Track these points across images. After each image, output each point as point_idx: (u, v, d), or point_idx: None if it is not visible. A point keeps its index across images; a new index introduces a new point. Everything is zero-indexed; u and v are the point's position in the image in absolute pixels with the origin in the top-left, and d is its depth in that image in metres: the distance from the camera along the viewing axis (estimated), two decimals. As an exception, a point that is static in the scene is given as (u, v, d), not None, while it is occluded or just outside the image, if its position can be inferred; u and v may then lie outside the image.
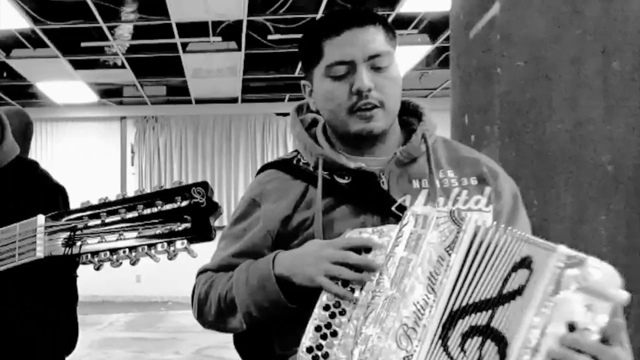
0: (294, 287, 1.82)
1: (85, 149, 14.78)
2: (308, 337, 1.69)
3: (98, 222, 1.39)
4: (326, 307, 1.70)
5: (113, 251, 1.38)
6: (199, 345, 8.41)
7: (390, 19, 7.37)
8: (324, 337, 1.67)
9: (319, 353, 1.66)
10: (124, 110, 14.79)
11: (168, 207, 1.36)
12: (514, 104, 2.69)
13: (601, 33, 2.64)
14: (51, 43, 9.60)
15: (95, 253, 1.39)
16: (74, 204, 2.01)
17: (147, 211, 1.37)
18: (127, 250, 1.37)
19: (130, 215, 1.38)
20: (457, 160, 2.05)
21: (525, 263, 1.52)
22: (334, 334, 1.67)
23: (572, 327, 1.44)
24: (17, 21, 8.52)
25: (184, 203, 1.36)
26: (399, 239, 1.66)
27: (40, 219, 1.46)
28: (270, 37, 9.56)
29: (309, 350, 1.67)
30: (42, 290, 1.86)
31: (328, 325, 1.68)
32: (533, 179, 2.51)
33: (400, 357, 1.53)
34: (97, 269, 1.40)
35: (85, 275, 2.11)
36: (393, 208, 1.89)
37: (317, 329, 1.68)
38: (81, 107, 14.39)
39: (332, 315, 1.69)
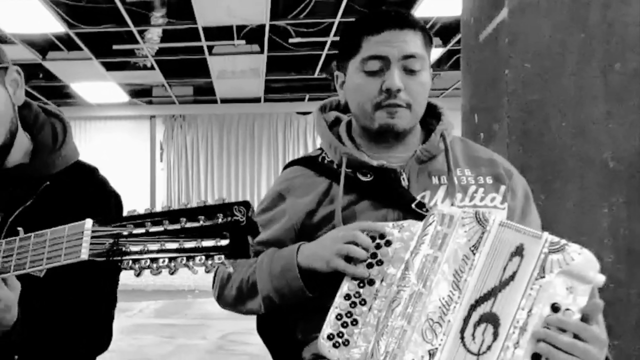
0: (315, 277, 1.82)
1: (117, 146, 14.82)
2: (329, 325, 1.69)
3: (142, 230, 1.37)
4: (347, 297, 1.69)
5: (153, 260, 1.36)
6: (224, 331, 8.38)
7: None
8: (344, 325, 1.67)
9: (340, 340, 1.66)
10: (153, 110, 14.82)
11: (210, 222, 1.34)
12: (520, 103, 2.68)
13: (603, 37, 2.63)
14: (85, 46, 9.63)
15: (136, 260, 1.37)
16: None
17: (190, 225, 1.34)
18: (167, 260, 1.36)
19: (172, 227, 1.36)
20: (474, 159, 2.04)
21: (518, 251, 1.55)
22: (355, 322, 1.67)
23: (555, 308, 1.49)
24: (52, 25, 8.55)
25: (225, 220, 1.33)
26: (425, 236, 1.65)
27: (88, 222, 1.43)
28: (291, 40, 9.56)
29: (330, 337, 1.67)
30: (82, 290, 1.85)
31: (349, 314, 1.68)
32: (539, 173, 2.51)
33: (425, 350, 1.52)
34: (138, 275, 1.39)
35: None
36: (413, 205, 1.87)
37: (338, 317, 1.68)
38: (113, 107, 14.43)
39: (353, 305, 1.69)
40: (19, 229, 1.60)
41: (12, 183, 1.89)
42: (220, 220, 1.34)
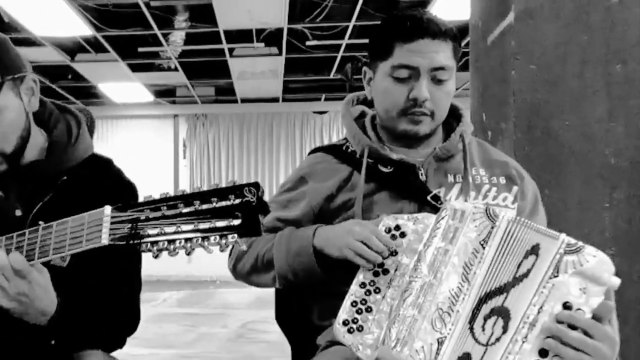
0: (329, 259, 1.84)
1: (142, 144, 14.82)
2: (344, 311, 1.70)
3: (158, 214, 1.39)
4: (362, 285, 1.71)
5: (170, 242, 1.38)
6: (244, 320, 8.39)
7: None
8: (359, 312, 1.68)
9: (354, 326, 1.67)
10: (176, 109, 14.81)
11: (222, 204, 1.35)
12: (526, 103, 2.69)
13: (605, 39, 2.63)
14: (111, 48, 9.64)
15: (154, 243, 1.39)
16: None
17: (203, 207, 1.36)
18: (183, 241, 1.37)
19: (187, 209, 1.37)
20: (489, 161, 2.06)
21: (534, 250, 1.54)
22: (369, 309, 1.68)
23: (567, 307, 1.48)
24: (80, 29, 8.56)
25: (237, 201, 1.35)
26: (437, 230, 1.66)
27: (107, 209, 1.45)
28: (308, 43, 9.54)
29: (345, 323, 1.68)
30: (107, 275, 1.87)
31: (363, 302, 1.69)
32: (544, 170, 2.52)
33: (434, 338, 1.53)
34: (156, 257, 1.41)
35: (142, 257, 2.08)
36: (429, 197, 1.89)
37: (353, 304, 1.69)
38: (138, 106, 14.43)
39: (368, 293, 1.70)
40: (40, 223, 1.61)
41: (30, 179, 1.89)
42: (232, 201, 1.36)
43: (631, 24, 2.62)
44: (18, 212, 1.86)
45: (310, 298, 2.07)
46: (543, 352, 1.47)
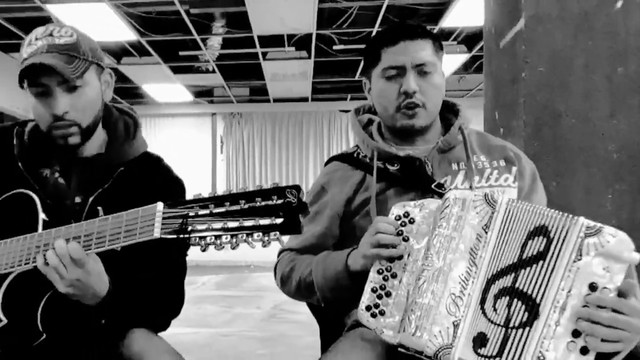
0: (363, 276, 1.80)
1: (182, 140, 14.85)
2: (366, 297, 1.69)
3: (207, 212, 1.41)
4: (379, 272, 1.70)
5: (217, 237, 1.39)
6: (276, 301, 8.37)
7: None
8: (379, 297, 1.68)
9: (376, 311, 1.67)
10: (214, 108, 14.84)
11: (265, 203, 1.37)
12: (536, 103, 2.68)
13: (608, 44, 2.63)
14: (154, 52, 9.70)
15: (202, 237, 1.41)
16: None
17: (248, 206, 1.38)
18: (229, 236, 1.39)
19: (233, 208, 1.39)
20: (488, 147, 2.09)
21: (540, 231, 1.52)
22: (388, 294, 1.68)
23: (593, 287, 1.45)
24: (126, 34, 8.63)
25: (279, 201, 1.37)
26: (442, 219, 1.65)
27: (159, 205, 1.48)
28: (335, 47, 9.53)
29: (368, 308, 1.68)
30: (155, 261, 1.88)
31: (382, 287, 1.68)
32: (552, 163, 2.52)
33: (450, 322, 1.54)
34: (203, 250, 1.42)
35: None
36: (432, 185, 1.92)
37: (374, 290, 1.69)
38: (179, 105, 14.48)
39: (385, 278, 1.69)
40: (99, 208, 1.65)
41: (90, 170, 1.93)
42: (274, 201, 1.37)
43: (632, 29, 2.62)
44: (78, 199, 1.89)
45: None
46: (576, 333, 1.45)
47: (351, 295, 1.85)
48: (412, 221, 1.73)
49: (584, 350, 1.44)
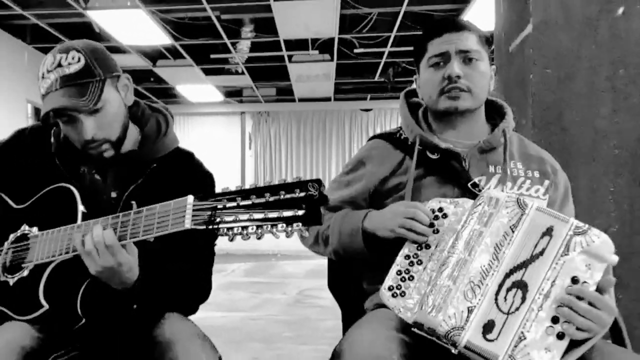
0: (376, 240, 1.84)
1: (213, 137, 14.90)
2: (390, 278, 1.71)
3: (234, 204, 1.41)
4: (407, 257, 1.71)
5: (244, 227, 1.40)
6: (301, 287, 8.37)
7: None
8: (403, 279, 1.70)
9: (397, 292, 1.68)
10: (243, 107, 14.89)
11: (289, 196, 1.38)
12: (543, 103, 2.67)
13: (610, 47, 2.62)
14: (187, 55, 9.76)
15: (230, 228, 1.41)
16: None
17: (273, 198, 1.39)
18: (254, 227, 1.39)
19: (259, 200, 1.39)
20: (527, 155, 2.02)
21: (548, 231, 1.57)
22: (411, 278, 1.69)
23: (575, 281, 1.52)
24: (161, 39, 8.69)
25: (302, 194, 1.37)
26: (474, 214, 1.67)
27: (190, 198, 1.48)
28: (356, 50, 9.56)
29: (390, 288, 1.69)
30: (185, 249, 1.87)
31: (407, 271, 1.70)
32: (558, 159, 2.50)
33: (465, 306, 1.54)
34: (231, 240, 1.42)
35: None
36: (469, 185, 1.88)
37: (398, 272, 1.70)
38: (210, 105, 14.53)
39: (411, 264, 1.70)
40: (133, 202, 1.67)
41: (124, 166, 1.92)
42: (297, 194, 1.38)
43: (633, 34, 2.62)
44: (113, 194, 1.90)
45: (360, 268, 2.07)
46: (555, 319, 1.50)
47: (358, 254, 1.90)
48: (445, 216, 1.74)
49: (560, 336, 1.49)
